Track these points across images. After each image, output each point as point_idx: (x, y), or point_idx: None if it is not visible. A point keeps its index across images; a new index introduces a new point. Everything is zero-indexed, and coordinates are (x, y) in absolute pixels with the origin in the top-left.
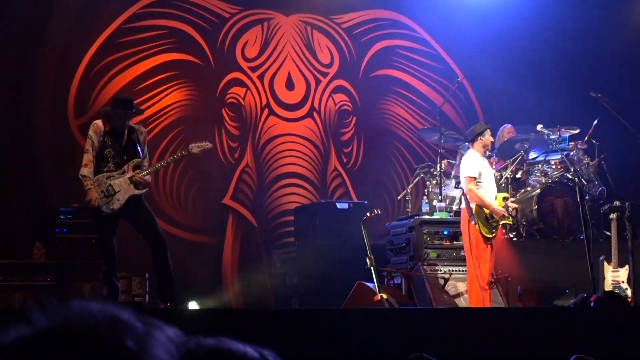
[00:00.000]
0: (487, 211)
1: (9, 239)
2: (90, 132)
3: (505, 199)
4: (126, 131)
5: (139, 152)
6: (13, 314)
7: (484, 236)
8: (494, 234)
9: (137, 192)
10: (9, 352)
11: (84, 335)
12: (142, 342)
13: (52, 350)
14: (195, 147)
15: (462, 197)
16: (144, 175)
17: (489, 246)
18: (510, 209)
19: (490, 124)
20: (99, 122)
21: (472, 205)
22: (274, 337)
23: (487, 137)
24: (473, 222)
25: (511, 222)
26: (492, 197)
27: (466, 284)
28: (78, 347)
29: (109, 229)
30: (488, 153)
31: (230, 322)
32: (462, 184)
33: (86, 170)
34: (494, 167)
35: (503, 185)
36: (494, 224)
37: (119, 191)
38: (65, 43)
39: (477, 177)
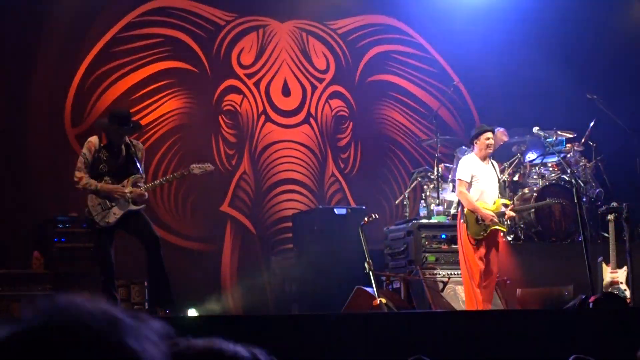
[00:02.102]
0: None
1: (6, 248)
2: (84, 150)
3: (505, 205)
4: (123, 146)
5: (138, 168)
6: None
7: (471, 237)
8: (482, 236)
9: (134, 207)
10: (3, 349)
11: (78, 330)
12: (134, 336)
13: (46, 345)
14: (196, 168)
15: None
16: (142, 190)
17: (480, 248)
18: (506, 216)
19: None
20: (93, 140)
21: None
22: (274, 343)
23: (482, 141)
24: (462, 221)
25: (504, 229)
26: (489, 200)
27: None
28: (73, 342)
29: (106, 240)
30: (489, 153)
31: (230, 329)
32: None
33: (82, 182)
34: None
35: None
36: (484, 227)
37: (115, 205)
38: (60, 52)
39: (467, 180)
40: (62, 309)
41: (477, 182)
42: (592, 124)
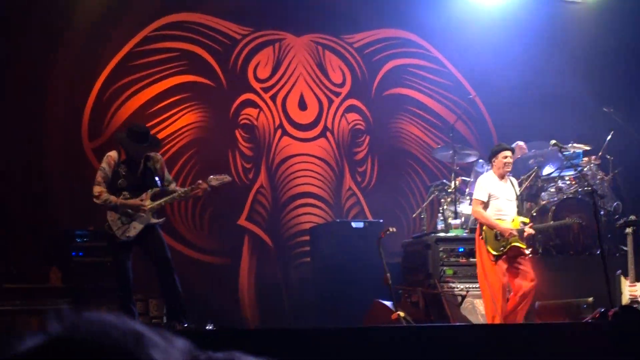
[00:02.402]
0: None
1: (24, 263)
2: (104, 165)
3: (524, 223)
4: (142, 160)
5: (156, 181)
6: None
7: (490, 253)
8: (501, 252)
9: (154, 221)
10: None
11: (104, 344)
12: (160, 353)
13: (70, 358)
14: (214, 180)
15: None
16: (205, 184)
17: (500, 262)
18: (525, 234)
19: (504, 141)
20: (113, 154)
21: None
22: (292, 357)
23: (500, 159)
24: (481, 237)
25: (524, 246)
26: (508, 218)
27: (482, 302)
28: (98, 356)
29: (124, 254)
30: (507, 172)
31: (248, 342)
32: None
33: (102, 197)
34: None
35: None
36: (503, 242)
37: (136, 219)
38: (77, 66)
39: (484, 200)
40: (88, 322)
41: (495, 201)
42: (609, 137)
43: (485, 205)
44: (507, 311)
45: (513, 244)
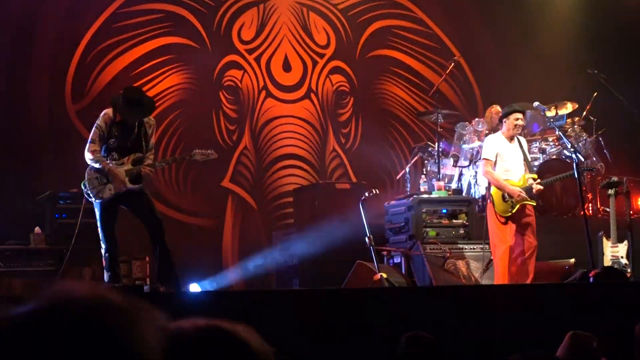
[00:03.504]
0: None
1: (7, 225)
2: (100, 122)
3: (532, 179)
4: (136, 123)
5: (142, 146)
6: (13, 301)
7: (499, 215)
8: (510, 214)
9: (130, 186)
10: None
11: (73, 319)
12: (131, 325)
13: (39, 332)
14: (198, 154)
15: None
16: (138, 169)
17: (509, 225)
18: (534, 190)
19: (487, 102)
20: (110, 112)
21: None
22: (275, 318)
23: (512, 121)
24: (489, 200)
25: (534, 203)
26: (516, 177)
27: (465, 263)
28: (66, 331)
29: (108, 215)
30: (517, 133)
31: (231, 304)
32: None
33: (96, 156)
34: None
35: None
36: (511, 203)
37: (113, 181)
38: (60, 28)
39: (492, 159)
40: (58, 296)
41: (503, 162)
42: (592, 98)
43: (493, 165)
44: (513, 273)
45: (523, 202)
